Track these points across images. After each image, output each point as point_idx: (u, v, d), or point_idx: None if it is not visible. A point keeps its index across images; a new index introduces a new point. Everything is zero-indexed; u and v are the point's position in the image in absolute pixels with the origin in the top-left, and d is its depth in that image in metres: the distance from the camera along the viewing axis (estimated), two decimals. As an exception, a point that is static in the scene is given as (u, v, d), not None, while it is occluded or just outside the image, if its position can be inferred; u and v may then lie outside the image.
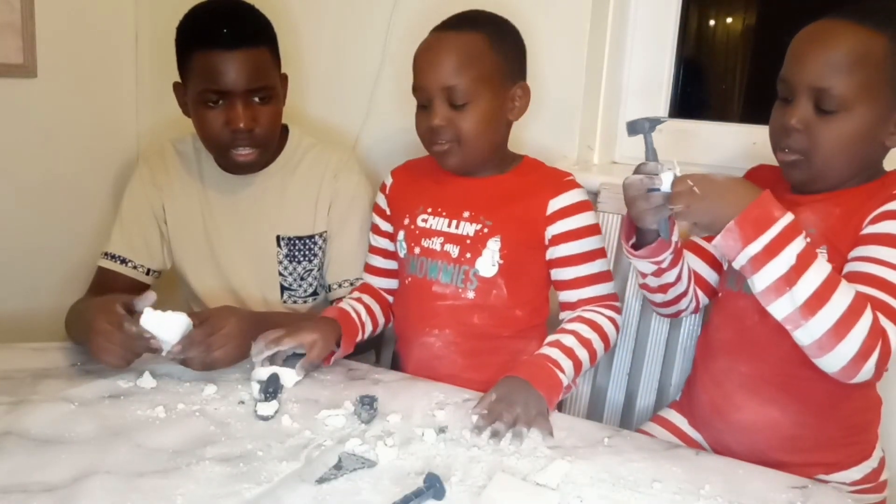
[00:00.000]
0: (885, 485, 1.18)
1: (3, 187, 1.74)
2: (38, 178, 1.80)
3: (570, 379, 1.19)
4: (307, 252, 1.49)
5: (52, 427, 1.02)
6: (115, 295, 1.24)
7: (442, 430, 1.05)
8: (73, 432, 1.02)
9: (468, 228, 1.29)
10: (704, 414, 1.23)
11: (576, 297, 1.29)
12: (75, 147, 1.87)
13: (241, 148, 1.38)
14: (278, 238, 1.48)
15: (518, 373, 1.15)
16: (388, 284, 1.44)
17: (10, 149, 1.73)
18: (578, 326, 1.24)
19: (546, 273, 1.32)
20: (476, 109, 1.24)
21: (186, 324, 1.16)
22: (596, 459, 1.00)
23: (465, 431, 1.05)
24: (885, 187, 1.08)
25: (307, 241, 1.49)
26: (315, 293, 1.53)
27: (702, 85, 1.86)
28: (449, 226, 1.31)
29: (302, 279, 1.51)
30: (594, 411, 1.46)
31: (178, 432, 1.03)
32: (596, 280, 1.29)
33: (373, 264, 1.45)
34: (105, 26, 1.91)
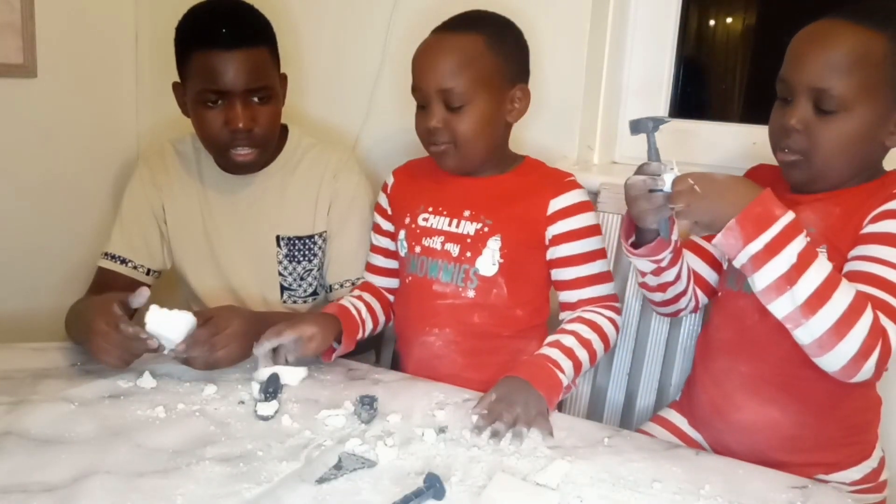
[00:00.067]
0: (885, 485, 1.18)
1: (3, 187, 1.74)
2: (38, 178, 1.80)
3: (570, 379, 1.19)
4: (307, 252, 1.49)
5: (52, 427, 1.02)
6: (112, 294, 1.23)
7: (442, 430, 1.05)
8: (73, 432, 1.02)
9: (469, 228, 1.29)
10: (704, 414, 1.23)
11: (576, 297, 1.29)
12: (75, 147, 1.87)
13: (241, 148, 1.38)
14: (278, 238, 1.48)
15: (518, 373, 1.15)
16: (390, 283, 1.44)
17: (10, 149, 1.73)
18: (578, 327, 1.24)
19: (546, 273, 1.32)
20: (473, 111, 1.24)
21: (191, 323, 1.16)
22: (596, 459, 1.00)
23: (465, 431, 1.05)
24: (884, 187, 1.08)
25: (307, 241, 1.49)
26: (315, 293, 1.53)
27: (702, 85, 1.86)
28: (449, 225, 1.31)
29: (302, 279, 1.51)
30: (594, 411, 1.46)
31: (178, 432, 1.03)
32: (596, 280, 1.29)
33: (374, 263, 1.45)
34: (105, 26, 1.91)
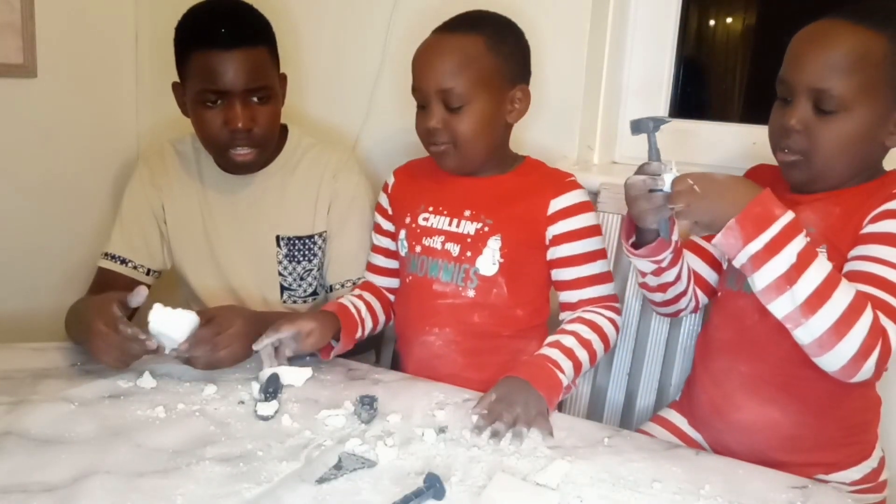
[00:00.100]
0: (885, 485, 1.18)
1: (3, 187, 1.74)
2: (38, 178, 1.80)
3: (570, 379, 1.19)
4: (307, 252, 1.49)
5: (52, 427, 1.02)
6: (111, 294, 1.23)
7: (442, 430, 1.05)
8: (73, 432, 1.02)
9: (469, 227, 1.29)
10: (704, 414, 1.23)
11: (576, 297, 1.29)
12: (75, 147, 1.87)
13: (240, 148, 1.38)
14: (278, 238, 1.48)
15: (518, 373, 1.15)
16: (390, 283, 1.44)
17: (10, 149, 1.73)
18: (578, 327, 1.24)
19: (547, 273, 1.32)
20: (472, 112, 1.23)
21: (195, 322, 1.16)
22: (596, 459, 1.00)
23: (465, 431, 1.05)
24: (884, 186, 1.08)
25: (307, 240, 1.49)
26: (315, 293, 1.53)
27: (702, 85, 1.86)
28: (450, 224, 1.31)
29: (301, 279, 1.51)
30: (594, 411, 1.46)
31: (178, 432, 1.03)
32: (596, 281, 1.29)
33: (375, 263, 1.45)
34: (105, 26, 1.91)
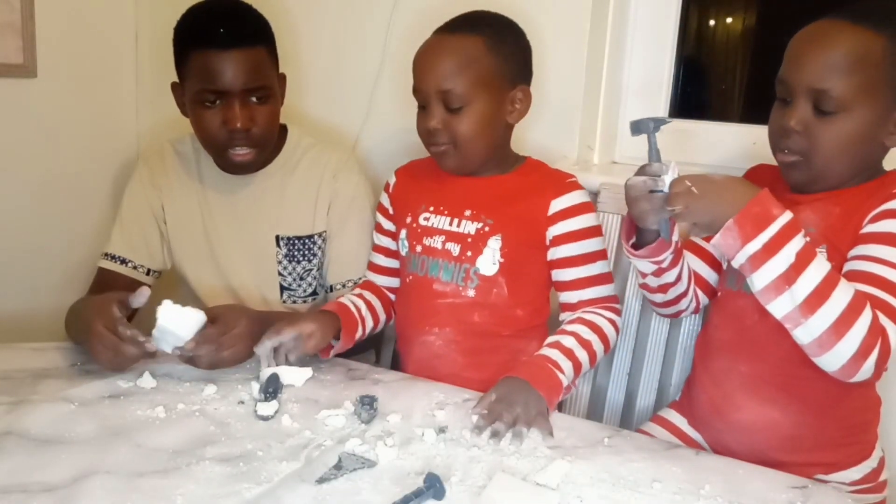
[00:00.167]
0: (885, 485, 1.18)
1: (3, 187, 1.74)
2: (37, 178, 1.80)
3: (570, 380, 1.19)
4: (306, 252, 1.49)
5: (52, 427, 1.02)
6: (111, 294, 1.23)
7: (442, 430, 1.05)
8: (73, 432, 1.02)
9: (469, 227, 1.29)
10: (704, 414, 1.23)
11: (576, 298, 1.29)
12: (75, 147, 1.87)
13: (239, 148, 1.38)
14: (277, 238, 1.48)
15: (518, 373, 1.15)
16: (391, 283, 1.44)
17: (10, 149, 1.73)
18: (578, 328, 1.24)
19: (547, 273, 1.32)
20: (472, 113, 1.24)
21: (202, 321, 1.16)
22: (596, 459, 1.00)
23: (465, 431, 1.05)
24: (884, 186, 1.08)
25: (306, 240, 1.49)
26: (315, 293, 1.53)
27: (702, 85, 1.86)
28: (450, 224, 1.31)
29: (301, 279, 1.51)
30: (594, 411, 1.46)
31: (178, 432, 1.03)
32: (597, 281, 1.29)
33: (376, 262, 1.45)
34: (105, 26, 1.91)
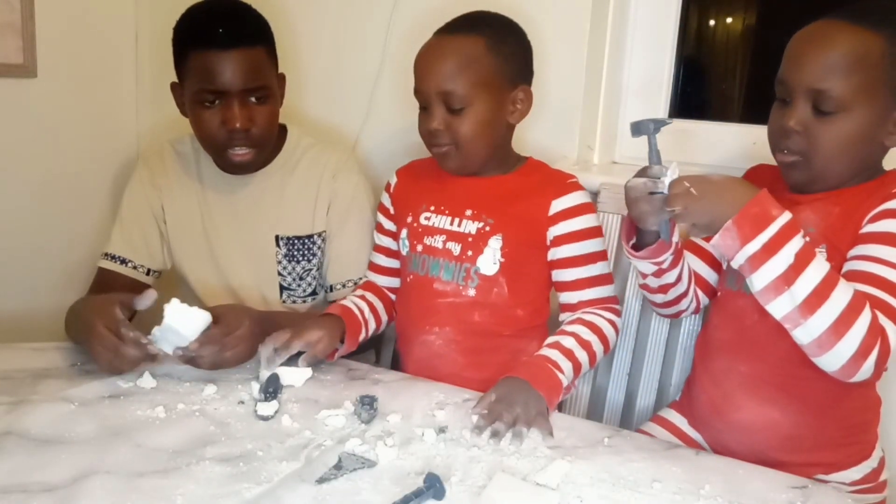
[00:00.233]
0: (885, 485, 1.18)
1: (3, 187, 1.74)
2: (37, 178, 1.80)
3: (570, 380, 1.19)
4: (306, 252, 1.49)
5: (52, 427, 1.02)
6: (113, 295, 1.23)
7: (442, 430, 1.05)
8: (73, 432, 1.02)
9: (470, 226, 1.29)
10: (704, 414, 1.23)
11: (576, 298, 1.29)
12: (75, 147, 1.87)
13: (238, 148, 1.38)
14: (277, 238, 1.48)
15: (518, 373, 1.15)
16: (392, 283, 1.44)
17: (10, 149, 1.73)
18: (578, 328, 1.24)
19: (547, 273, 1.32)
20: (474, 113, 1.24)
21: (208, 321, 1.15)
22: (596, 459, 1.00)
23: (465, 431, 1.05)
24: (884, 186, 1.08)
25: (306, 240, 1.49)
26: (314, 293, 1.53)
27: (702, 85, 1.86)
28: (451, 224, 1.31)
29: (301, 279, 1.51)
30: (594, 411, 1.46)
31: (178, 432, 1.03)
32: (597, 282, 1.29)
33: (377, 262, 1.45)
34: (105, 26, 1.91)
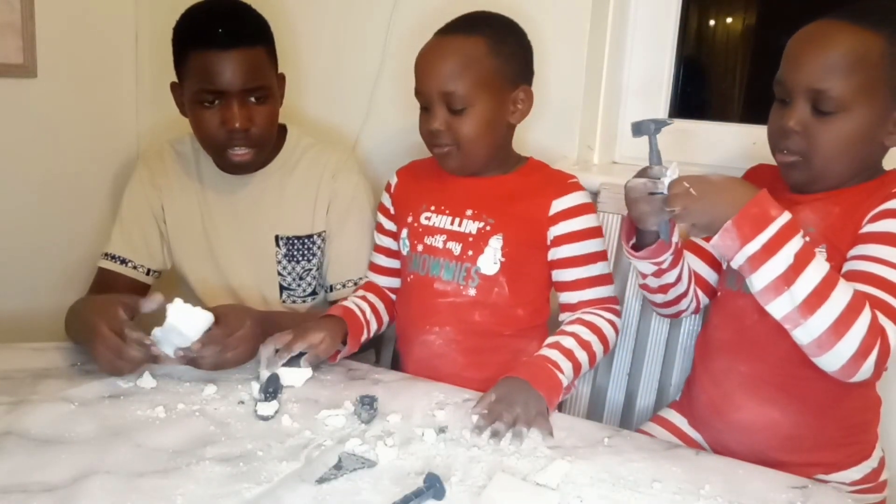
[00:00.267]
0: (885, 485, 1.18)
1: (3, 187, 1.74)
2: (37, 178, 1.80)
3: (570, 380, 1.19)
4: (306, 252, 1.49)
5: (52, 427, 1.02)
6: (116, 296, 1.23)
7: (442, 430, 1.05)
8: (73, 432, 1.02)
9: (471, 226, 1.29)
10: (704, 414, 1.23)
11: (576, 298, 1.29)
12: (75, 147, 1.87)
13: (237, 148, 1.38)
14: (277, 238, 1.48)
15: (518, 373, 1.15)
16: (393, 283, 1.44)
17: (10, 149, 1.73)
18: (578, 328, 1.24)
19: (547, 273, 1.32)
20: (475, 114, 1.24)
21: (210, 321, 1.15)
22: (596, 459, 1.00)
23: (465, 431, 1.05)
24: (884, 186, 1.08)
25: (306, 240, 1.49)
26: (314, 293, 1.53)
27: (702, 85, 1.86)
28: (452, 223, 1.31)
29: (301, 279, 1.51)
30: (594, 411, 1.46)
31: (178, 432, 1.03)
32: (597, 282, 1.29)
33: (377, 263, 1.45)
34: (105, 26, 1.91)
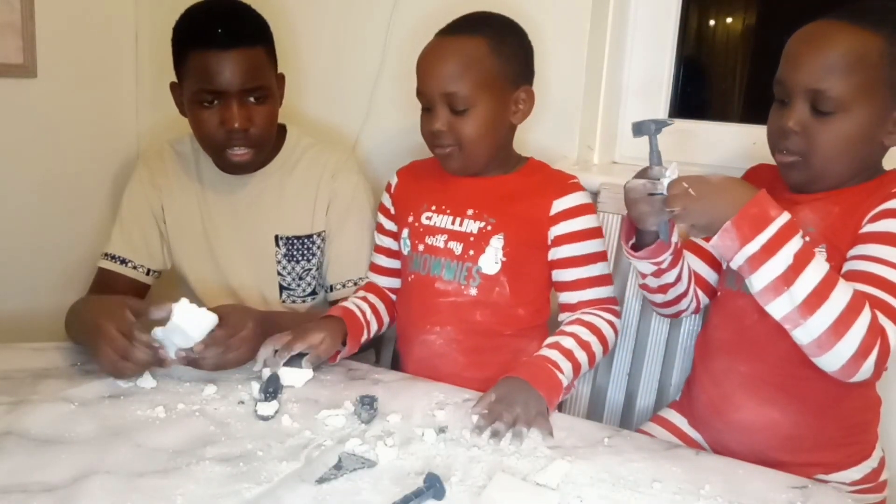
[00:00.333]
0: (885, 485, 1.18)
1: (3, 187, 1.74)
2: (37, 178, 1.80)
3: (569, 380, 1.19)
4: (305, 252, 1.49)
5: (52, 427, 1.02)
6: (122, 297, 1.23)
7: (442, 430, 1.05)
8: (73, 432, 1.02)
9: (472, 226, 1.29)
10: (704, 414, 1.23)
11: (576, 298, 1.29)
12: (75, 147, 1.87)
13: (237, 148, 1.38)
14: (277, 238, 1.48)
15: (518, 373, 1.15)
16: (393, 284, 1.44)
17: (10, 149, 1.73)
18: (578, 329, 1.24)
19: (548, 273, 1.32)
20: (476, 114, 1.24)
21: (214, 322, 1.15)
22: (596, 459, 1.00)
23: (465, 431, 1.05)
24: (883, 186, 1.08)
25: (305, 240, 1.49)
26: (314, 293, 1.53)
27: (702, 85, 1.86)
28: (453, 223, 1.31)
29: (300, 279, 1.51)
30: (594, 411, 1.46)
31: (178, 432, 1.03)
32: (596, 283, 1.29)
33: (378, 263, 1.45)
34: (105, 26, 1.91)
